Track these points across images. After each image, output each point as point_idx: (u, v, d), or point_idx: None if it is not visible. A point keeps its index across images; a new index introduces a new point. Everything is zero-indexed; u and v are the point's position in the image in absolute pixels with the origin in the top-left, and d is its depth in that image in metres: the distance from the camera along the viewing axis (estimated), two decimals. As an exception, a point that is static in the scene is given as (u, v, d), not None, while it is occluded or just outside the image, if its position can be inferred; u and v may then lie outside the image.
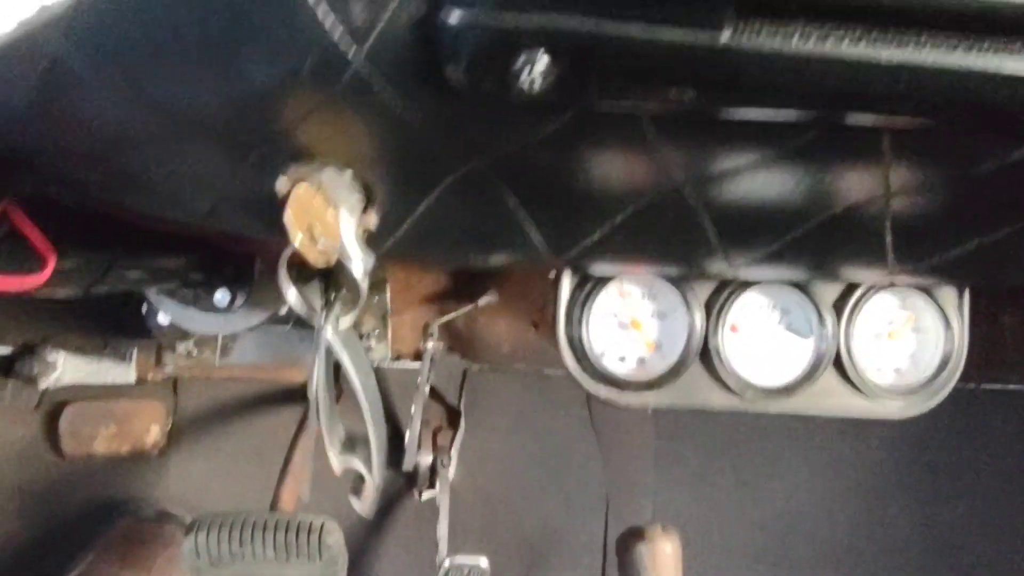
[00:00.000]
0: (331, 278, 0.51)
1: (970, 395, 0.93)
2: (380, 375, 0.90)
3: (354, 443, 0.38)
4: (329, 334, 0.35)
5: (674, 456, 0.90)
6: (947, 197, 0.33)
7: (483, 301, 0.84)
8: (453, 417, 0.88)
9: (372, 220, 0.34)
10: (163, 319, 0.71)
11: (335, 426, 0.37)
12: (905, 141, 0.30)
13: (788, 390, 0.43)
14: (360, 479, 0.38)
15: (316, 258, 0.32)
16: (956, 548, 0.90)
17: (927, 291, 0.44)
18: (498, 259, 0.37)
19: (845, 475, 0.91)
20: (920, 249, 0.37)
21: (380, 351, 0.88)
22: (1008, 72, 0.26)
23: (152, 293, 0.71)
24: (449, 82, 0.25)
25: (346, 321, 0.36)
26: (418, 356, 0.85)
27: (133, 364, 0.87)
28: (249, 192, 0.32)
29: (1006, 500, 0.91)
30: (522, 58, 0.24)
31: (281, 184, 0.31)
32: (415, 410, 0.80)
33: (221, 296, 0.69)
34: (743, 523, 0.89)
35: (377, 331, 0.88)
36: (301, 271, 0.35)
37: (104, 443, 0.84)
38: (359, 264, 0.33)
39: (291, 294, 0.35)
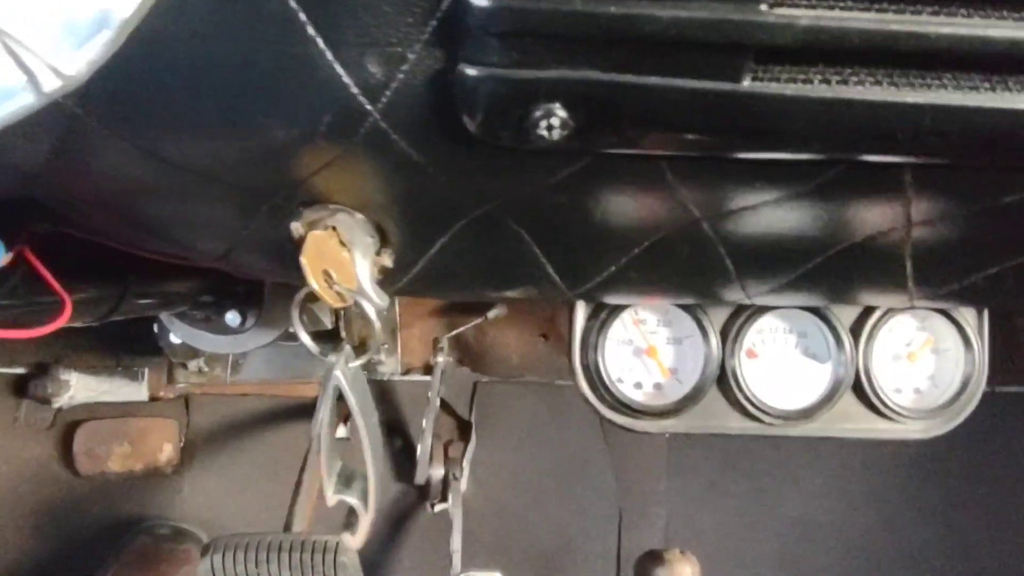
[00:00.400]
0: (343, 317, 0.51)
1: (985, 399, 0.93)
2: (390, 388, 0.90)
3: (351, 478, 0.38)
4: (339, 375, 0.35)
5: (687, 467, 0.90)
6: (968, 227, 0.33)
7: (492, 314, 0.84)
8: (464, 430, 0.88)
9: (386, 261, 0.34)
10: (175, 339, 0.72)
11: (334, 461, 0.38)
12: (927, 176, 0.30)
13: (807, 413, 0.43)
14: (353, 513, 0.39)
15: (333, 300, 0.32)
16: (973, 554, 0.90)
17: (946, 312, 0.44)
18: (513, 294, 0.37)
19: (860, 483, 0.90)
20: (940, 276, 0.37)
21: (390, 365, 0.89)
22: None
23: (164, 315, 0.71)
24: (466, 133, 0.25)
25: (357, 361, 0.36)
26: (428, 369, 0.85)
27: (145, 382, 0.87)
28: (263, 238, 0.32)
29: (1023, 503, 0.90)
30: (539, 111, 0.24)
31: (296, 229, 0.31)
32: (426, 423, 0.80)
33: (232, 317, 0.69)
34: (758, 533, 0.89)
35: (387, 345, 0.88)
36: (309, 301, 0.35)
37: (118, 461, 0.84)
38: (374, 304, 0.33)
39: (304, 336, 0.35)
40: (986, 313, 0.44)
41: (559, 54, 0.23)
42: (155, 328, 0.75)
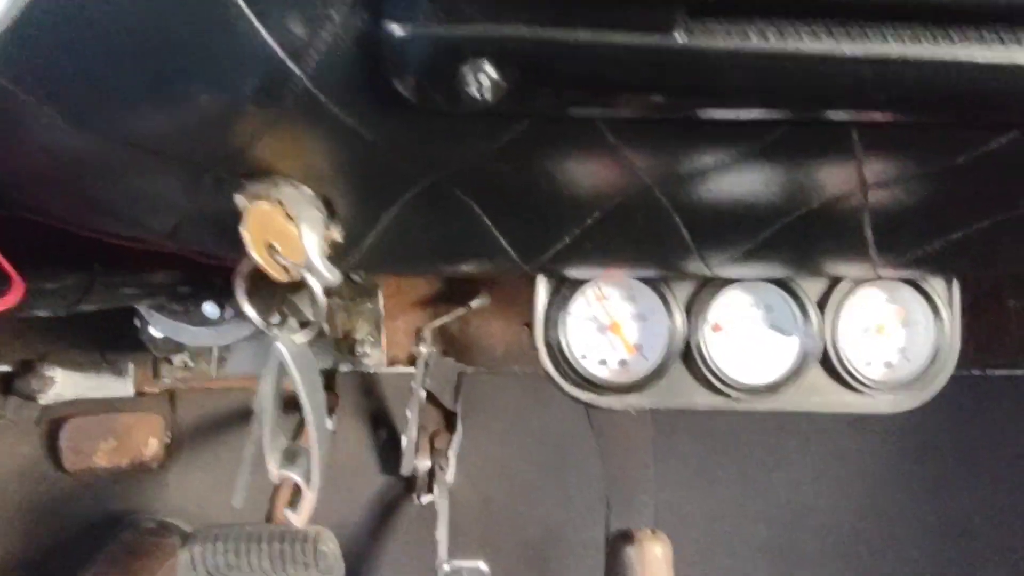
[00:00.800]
0: (286, 293, 0.50)
1: (976, 381, 0.92)
2: (375, 381, 0.90)
3: (295, 455, 0.38)
4: (282, 347, 0.35)
5: (675, 453, 0.89)
6: (925, 190, 0.32)
7: (476, 304, 0.84)
8: (450, 421, 0.88)
9: (336, 235, 0.34)
10: (155, 332, 0.71)
11: (277, 437, 0.38)
12: (875, 135, 0.29)
13: (774, 388, 0.42)
14: (298, 491, 0.39)
15: (277, 273, 0.31)
16: (964, 536, 0.89)
17: (915, 284, 0.43)
18: (468, 268, 0.37)
19: (850, 465, 0.90)
20: (902, 242, 0.36)
21: (375, 357, 0.88)
22: (978, 61, 0.25)
23: (143, 307, 0.71)
24: (400, 97, 0.24)
25: (302, 336, 0.36)
26: (413, 361, 0.85)
27: (130, 378, 0.87)
28: (209, 212, 0.32)
29: (1015, 486, 0.90)
30: (468, 69, 0.24)
31: (239, 202, 0.31)
32: (411, 415, 0.79)
33: (210, 308, 0.69)
34: (747, 517, 0.89)
35: (371, 337, 0.87)
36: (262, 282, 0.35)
37: (104, 457, 0.84)
38: (322, 278, 0.32)
39: (248, 308, 0.34)
40: (956, 284, 0.44)
41: (485, 8, 0.23)
42: (136, 322, 0.75)
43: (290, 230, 0.31)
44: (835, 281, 0.43)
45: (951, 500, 0.90)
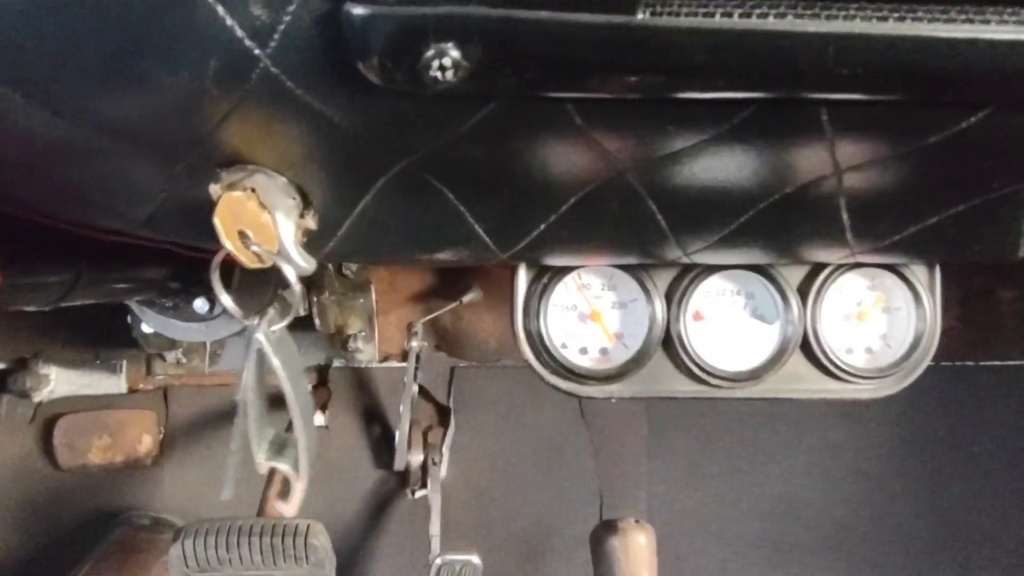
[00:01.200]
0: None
1: (969, 372, 0.91)
2: (368, 376, 0.90)
3: (283, 445, 0.38)
4: (261, 337, 0.35)
5: (668, 446, 0.89)
6: (899, 172, 0.32)
7: (467, 298, 0.84)
8: (443, 415, 0.88)
9: (310, 223, 0.34)
10: (146, 328, 0.72)
11: (263, 428, 0.38)
12: (846, 115, 0.29)
13: (754, 375, 0.42)
14: (287, 482, 0.39)
15: (249, 260, 0.31)
16: (958, 526, 0.89)
17: (896, 270, 0.43)
18: (444, 256, 0.37)
19: (842, 457, 0.90)
20: (878, 227, 0.36)
21: (368, 352, 0.88)
22: (942, 37, 0.25)
23: (134, 304, 0.71)
24: (364, 78, 0.24)
25: (280, 323, 0.36)
26: (406, 356, 0.85)
27: (124, 374, 0.88)
28: (184, 201, 0.32)
29: (1008, 477, 0.89)
30: (431, 50, 0.24)
31: (214, 191, 0.31)
32: (403, 409, 0.80)
33: (200, 304, 0.69)
34: (740, 510, 0.88)
35: (364, 332, 0.87)
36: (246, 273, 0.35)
37: (99, 454, 0.85)
38: (296, 266, 0.32)
39: (224, 298, 0.35)
40: (938, 271, 0.44)
41: None
42: (128, 319, 0.75)
43: (264, 219, 0.31)
44: (816, 268, 0.43)
45: (943, 491, 0.89)
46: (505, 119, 0.28)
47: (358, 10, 0.23)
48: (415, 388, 0.83)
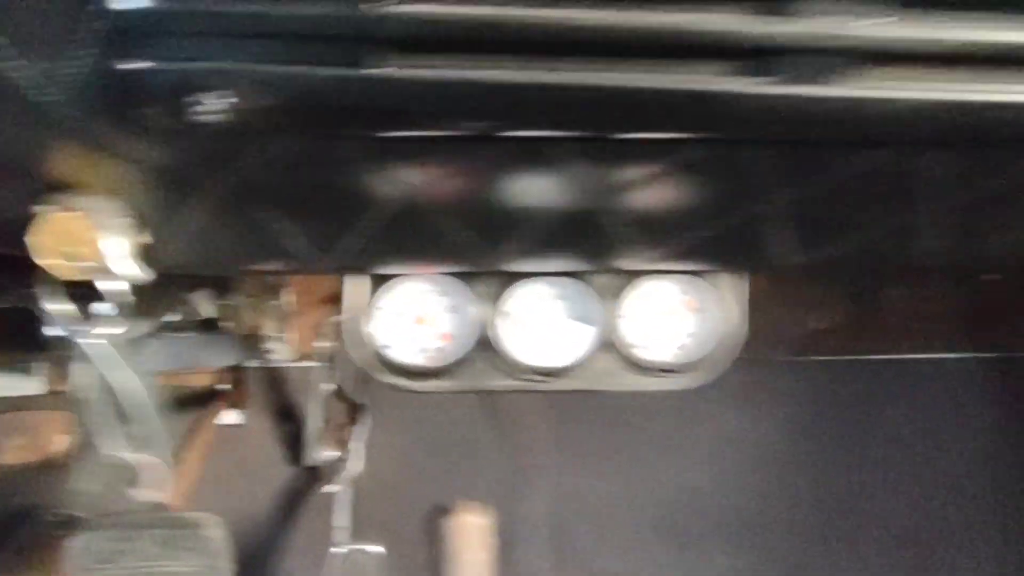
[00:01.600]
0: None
1: (856, 365, 0.98)
2: (283, 376, 0.93)
3: (149, 438, 0.41)
4: (87, 343, 0.38)
5: (574, 439, 0.94)
6: (659, 192, 0.37)
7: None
8: (356, 413, 0.91)
9: (145, 238, 0.37)
10: (49, 332, 0.74)
11: (108, 426, 0.41)
12: (589, 147, 0.34)
13: (565, 371, 0.47)
14: (133, 471, 0.42)
15: (68, 274, 0.35)
16: (846, 511, 0.95)
17: (703, 275, 0.48)
18: (277, 266, 0.40)
19: (738, 449, 0.95)
20: (664, 239, 0.40)
21: (282, 352, 0.91)
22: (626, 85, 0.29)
23: (40, 308, 0.73)
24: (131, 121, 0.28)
25: (117, 329, 0.39)
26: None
27: (41, 376, 0.89)
28: (14, 218, 0.35)
29: (892, 466, 0.96)
30: (192, 99, 0.27)
31: (36, 210, 0.34)
32: (312, 407, 0.83)
33: (102, 308, 0.72)
34: (642, 500, 0.93)
35: (278, 333, 0.90)
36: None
37: (13, 454, 0.86)
38: (126, 279, 0.36)
39: (53, 308, 0.38)
40: (746, 277, 0.49)
41: (200, 49, 0.27)
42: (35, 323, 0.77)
43: (89, 236, 0.35)
44: (630, 273, 0.48)
45: (834, 479, 0.95)
46: (290, 152, 0.32)
47: (123, 65, 0.27)
48: (327, 387, 0.86)
